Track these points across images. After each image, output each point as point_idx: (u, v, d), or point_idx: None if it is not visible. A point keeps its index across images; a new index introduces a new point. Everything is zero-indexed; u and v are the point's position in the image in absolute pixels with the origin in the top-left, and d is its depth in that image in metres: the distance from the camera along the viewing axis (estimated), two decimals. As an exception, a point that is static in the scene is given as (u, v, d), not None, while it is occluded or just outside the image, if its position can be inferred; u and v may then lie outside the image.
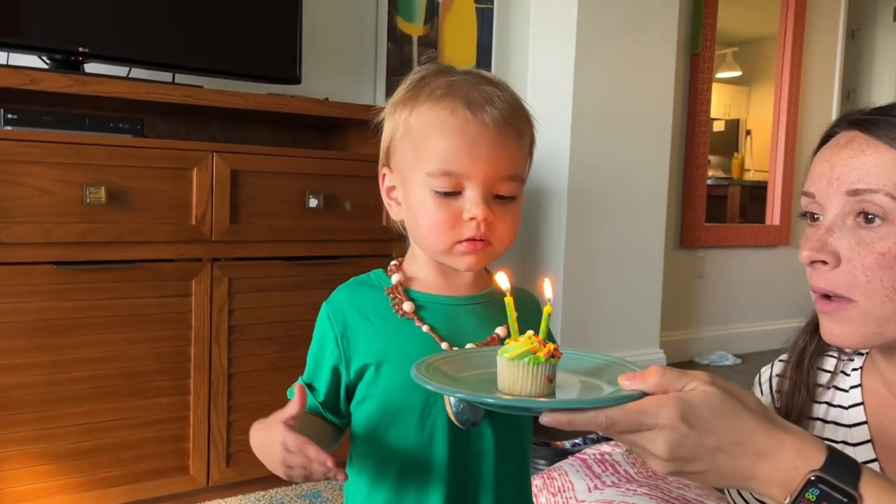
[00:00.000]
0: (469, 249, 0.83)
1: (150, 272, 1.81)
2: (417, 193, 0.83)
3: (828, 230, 0.80)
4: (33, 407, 1.68)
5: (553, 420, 0.64)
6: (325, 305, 0.89)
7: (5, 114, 1.67)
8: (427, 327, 0.85)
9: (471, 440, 0.85)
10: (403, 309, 0.86)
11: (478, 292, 0.90)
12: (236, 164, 1.89)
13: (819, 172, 0.83)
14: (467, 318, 0.88)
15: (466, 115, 0.81)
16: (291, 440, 0.73)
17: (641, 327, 3.36)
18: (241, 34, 2.13)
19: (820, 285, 0.80)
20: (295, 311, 2.01)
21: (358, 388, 0.87)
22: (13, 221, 1.63)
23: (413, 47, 2.77)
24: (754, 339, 4.13)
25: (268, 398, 1.98)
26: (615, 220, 3.18)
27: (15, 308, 1.65)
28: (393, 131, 0.86)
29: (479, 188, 0.81)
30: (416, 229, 0.86)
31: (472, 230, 0.82)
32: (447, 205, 0.82)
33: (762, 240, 4.21)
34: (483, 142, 0.81)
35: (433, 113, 0.82)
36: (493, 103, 0.82)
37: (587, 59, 3.01)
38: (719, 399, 0.64)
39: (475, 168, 0.81)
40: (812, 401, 0.90)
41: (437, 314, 0.87)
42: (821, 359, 0.93)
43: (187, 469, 1.88)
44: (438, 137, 0.81)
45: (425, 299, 0.88)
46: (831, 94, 4.46)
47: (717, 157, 5.14)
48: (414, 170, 0.83)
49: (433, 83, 0.84)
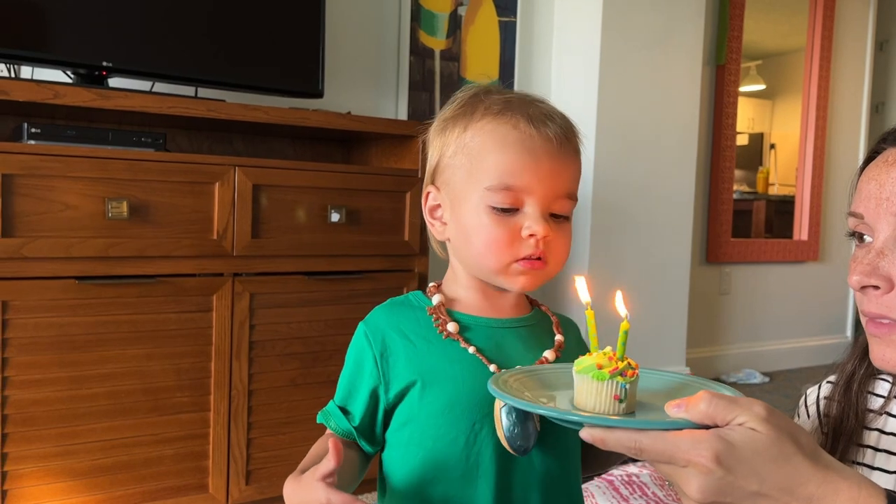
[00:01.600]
0: (526, 269, 0.80)
1: (172, 287, 1.79)
2: (472, 210, 0.80)
3: (879, 253, 0.76)
4: (53, 423, 1.66)
5: (589, 436, 0.62)
6: (362, 325, 0.85)
7: (29, 128, 1.67)
8: (473, 349, 0.81)
9: (518, 470, 0.80)
10: (448, 329, 0.82)
11: (521, 315, 0.87)
12: (258, 178, 1.88)
13: (867, 192, 0.78)
14: (513, 340, 0.84)
15: (530, 130, 0.79)
16: (336, 499, 0.69)
17: (667, 344, 3.30)
18: (263, 48, 2.13)
19: (871, 310, 0.76)
20: (316, 326, 1.99)
21: (397, 412, 0.82)
22: (36, 236, 1.63)
23: (435, 61, 2.76)
24: (783, 357, 4.05)
25: (288, 415, 1.96)
26: (640, 235, 3.14)
27: (36, 323, 1.64)
28: (443, 148, 0.84)
29: (538, 205, 0.79)
30: (467, 248, 0.82)
31: (530, 248, 0.79)
32: (505, 222, 0.79)
33: (790, 255, 4.14)
34: (546, 157, 0.79)
35: (492, 127, 0.80)
36: (553, 119, 0.80)
37: (611, 72, 2.98)
38: (767, 441, 0.59)
39: (536, 183, 0.79)
40: (862, 427, 0.85)
41: (482, 336, 0.83)
42: (872, 382, 0.88)
43: (207, 487, 1.86)
44: (499, 152, 0.79)
45: (469, 321, 0.84)
46: (860, 108, 4.39)
47: (742, 171, 5.08)
48: (468, 186, 0.81)
49: (488, 100, 0.82)
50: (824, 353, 4.00)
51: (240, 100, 2.19)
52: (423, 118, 2.71)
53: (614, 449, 0.61)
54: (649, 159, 3.14)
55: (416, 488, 0.81)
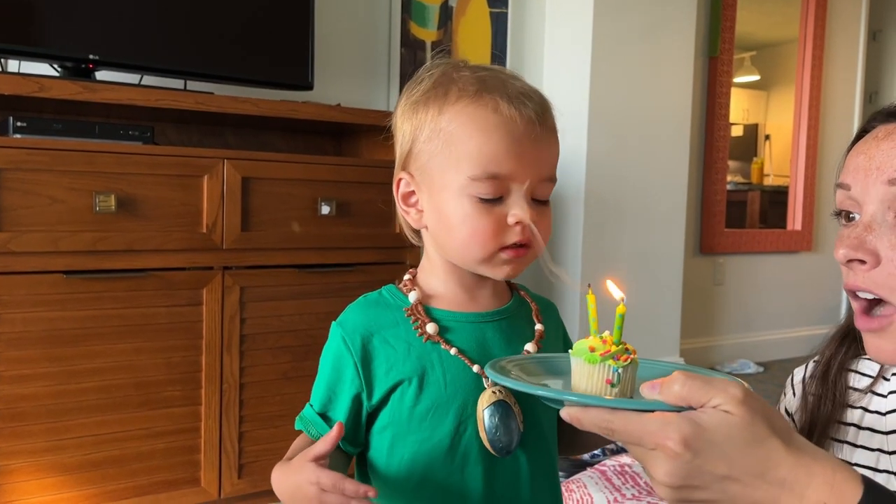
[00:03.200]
0: (512, 257, 0.77)
1: (161, 281, 1.78)
2: (453, 199, 0.76)
3: (866, 227, 0.74)
4: (42, 418, 1.66)
5: (567, 415, 0.61)
6: (336, 327, 0.81)
7: (14, 122, 1.66)
8: (455, 350, 0.78)
9: (506, 469, 0.79)
10: (427, 332, 0.79)
11: (500, 306, 0.84)
12: (247, 171, 1.87)
13: (855, 165, 0.77)
14: (494, 335, 0.81)
15: (511, 113, 0.74)
16: (326, 478, 0.68)
17: (661, 335, 3.30)
18: (253, 41, 2.11)
19: (857, 284, 0.74)
20: (307, 319, 1.98)
21: (380, 415, 0.80)
22: (23, 230, 1.62)
23: (427, 53, 2.75)
24: (777, 347, 4.06)
25: (280, 408, 1.95)
26: (633, 227, 3.14)
27: (24, 318, 1.63)
28: (415, 132, 0.79)
29: (524, 191, 0.75)
30: (448, 238, 0.78)
31: (517, 235, 0.76)
32: (489, 210, 0.76)
33: (784, 245, 4.14)
34: (528, 141, 0.75)
35: (471, 110, 0.75)
36: (531, 98, 0.76)
37: (604, 63, 2.97)
38: (740, 423, 0.57)
39: (521, 170, 0.75)
40: (846, 406, 0.85)
41: (464, 334, 0.80)
42: (859, 362, 0.88)
43: (199, 481, 1.85)
44: (481, 138, 0.74)
45: (448, 318, 0.80)
46: (853, 97, 4.39)
47: (736, 161, 5.08)
48: (447, 173, 0.76)
49: (461, 79, 0.77)
50: (818, 342, 4.00)
51: (229, 92, 2.18)
52: (415, 110, 2.70)
53: (589, 429, 0.60)
54: (642, 151, 3.13)
55: (400, 489, 0.79)
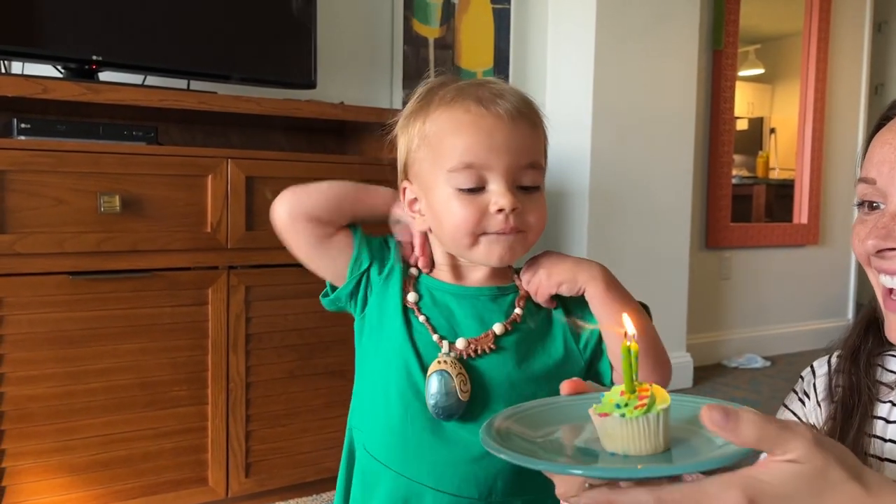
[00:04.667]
0: (497, 236, 0.83)
1: (166, 281, 1.79)
2: (440, 195, 0.84)
3: (894, 217, 0.72)
4: (50, 419, 1.66)
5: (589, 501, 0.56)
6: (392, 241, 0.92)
7: (18, 123, 1.66)
8: (423, 318, 0.87)
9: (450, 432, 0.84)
10: (408, 299, 0.88)
11: (489, 285, 0.89)
12: (251, 170, 1.87)
13: (881, 157, 0.75)
14: (467, 309, 0.88)
15: (480, 111, 0.82)
16: None
17: (667, 330, 3.27)
18: (256, 40, 2.11)
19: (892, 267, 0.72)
20: (312, 318, 1.98)
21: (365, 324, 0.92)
22: (28, 232, 1.62)
23: (429, 49, 2.74)
24: (784, 341, 4.04)
25: (286, 407, 1.96)
26: (638, 222, 3.13)
27: (30, 319, 1.64)
28: (408, 143, 0.88)
29: (502, 179, 0.82)
30: (442, 233, 0.86)
31: (500, 223, 0.82)
32: (472, 201, 0.82)
33: (790, 239, 4.12)
34: (499, 132, 0.82)
35: (447, 115, 0.84)
36: (503, 97, 0.83)
37: (607, 58, 2.96)
38: (811, 473, 0.53)
39: (494, 158, 0.81)
40: (875, 400, 0.84)
41: (438, 303, 0.88)
42: (884, 358, 0.87)
43: (206, 480, 1.86)
44: (455, 136, 0.82)
45: (434, 285, 0.90)
46: (858, 90, 4.36)
47: (741, 155, 5.06)
48: (433, 173, 0.84)
49: (442, 91, 0.86)
50: (825, 336, 3.94)
51: (232, 92, 2.18)
52: (418, 107, 2.70)
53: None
54: (647, 146, 3.12)
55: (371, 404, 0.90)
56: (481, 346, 0.85)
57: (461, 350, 0.84)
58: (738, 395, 3.21)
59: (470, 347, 0.84)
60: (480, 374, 0.84)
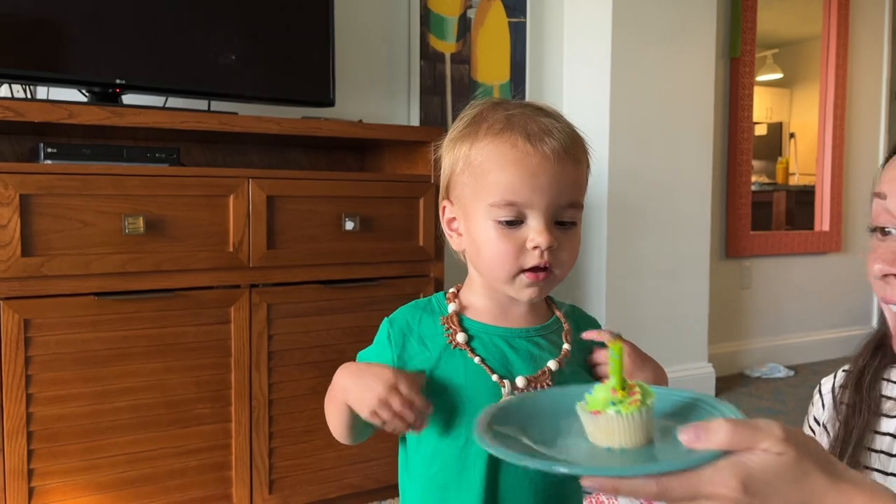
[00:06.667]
0: (532, 281, 0.85)
1: (190, 300, 1.81)
2: (480, 224, 0.86)
3: None
4: (77, 438, 1.69)
5: (596, 484, 0.60)
6: (386, 323, 0.92)
7: (45, 148, 1.70)
8: (478, 359, 0.87)
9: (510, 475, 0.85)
10: (457, 340, 0.88)
11: (534, 325, 0.91)
12: (272, 189, 1.89)
13: (891, 176, 0.78)
14: (518, 351, 0.89)
15: (527, 148, 0.83)
16: (403, 383, 0.79)
17: (689, 341, 3.28)
18: (274, 59, 2.14)
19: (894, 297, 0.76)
20: (334, 335, 2.00)
21: None
22: (54, 254, 1.65)
23: (446, 65, 2.76)
24: (807, 350, 4.01)
25: (309, 423, 1.97)
26: (658, 232, 3.12)
27: (57, 340, 1.66)
28: (453, 165, 0.89)
29: (541, 217, 0.84)
30: (478, 259, 0.88)
31: (535, 259, 0.84)
32: (510, 235, 0.84)
33: (811, 247, 4.09)
34: (544, 173, 0.83)
35: (493, 146, 0.84)
36: (551, 134, 0.84)
37: (623, 68, 2.96)
38: (787, 463, 0.59)
39: (537, 198, 0.83)
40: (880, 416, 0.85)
41: (490, 346, 0.88)
42: (892, 371, 0.88)
43: (230, 497, 1.87)
44: (500, 170, 0.84)
45: (479, 329, 0.89)
46: (879, 94, 4.32)
47: (761, 161, 5.03)
48: (475, 201, 0.86)
49: (491, 118, 0.87)
50: (849, 344, 3.89)
51: (253, 111, 2.21)
52: (436, 122, 2.72)
53: (629, 496, 0.60)
54: (665, 155, 3.12)
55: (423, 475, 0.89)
56: (539, 384, 0.87)
57: (522, 388, 0.86)
58: (763, 405, 3.18)
59: (530, 386, 0.86)
60: None
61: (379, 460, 2.05)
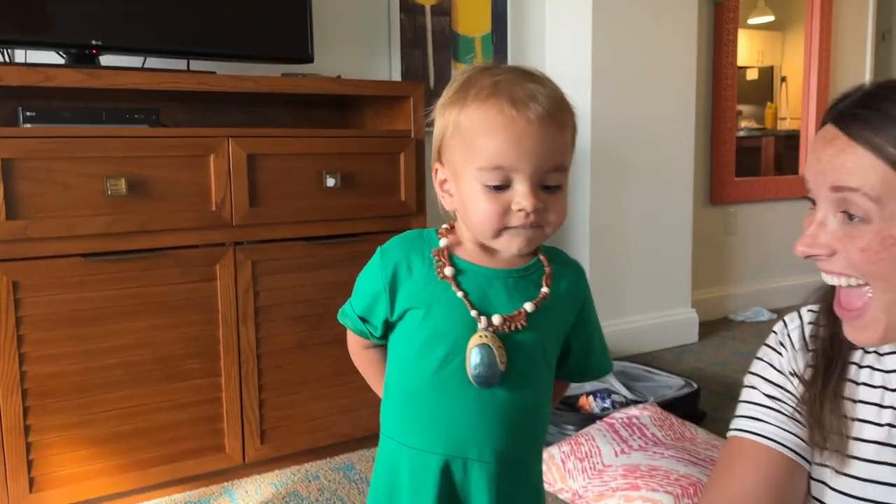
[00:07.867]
0: (517, 231, 0.90)
1: (175, 259, 1.85)
2: (469, 187, 0.90)
3: (819, 225, 0.85)
4: (70, 395, 1.74)
5: None
6: (379, 252, 0.98)
7: (24, 112, 1.71)
8: (462, 293, 0.93)
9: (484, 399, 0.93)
10: (444, 273, 0.94)
11: (517, 267, 0.96)
12: (252, 147, 1.91)
13: (810, 163, 0.86)
14: (499, 289, 0.94)
15: (512, 114, 0.87)
16: None
17: (672, 287, 3.33)
18: (252, 16, 2.13)
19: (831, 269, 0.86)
20: (318, 289, 2.04)
21: (398, 327, 0.98)
22: (40, 217, 1.68)
23: (426, 17, 2.75)
24: (790, 294, 4.07)
25: (297, 375, 2.03)
26: (641, 180, 3.15)
27: (47, 300, 1.71)
28: (443, 129, 0.93)
29: (526, 181, 0.88)
30: (467, 219, 0.93)
31: (520, 220, 0.89)
32: (497, 197, 0.89)
33: (796, 191, 4.12)
34: (528, 138, 0.87)
35: (481, 112, 0.88)
36: (536, 100, 0.88)
37: (605, 15, 2.95)
38: None
39: (522, 162, 0.87)
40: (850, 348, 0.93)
41: (474, 282, 0.94)
42: None
43: (223, 447, 1.94)
44: (487, 136, 0.88)
45: (465, 266, 0.95)
46: (865, 37, 4.30)
47: (752, 106, 5.01)
48: (465, 165, 0.90)
49: (479, 83, 0.90)
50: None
51: (231, 70, 2.21)
52: (417, 76, 2.72)
53: None
54: (648, 103, 3.13)
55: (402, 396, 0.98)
56: (515, 323, 0.92)
57: (497, 326, 0.92)
58: (745, 349, 3.26)
59: (505, 324, 0.92)
60: (513, 347, 0.92)
61: (367, 409, 2.11)
